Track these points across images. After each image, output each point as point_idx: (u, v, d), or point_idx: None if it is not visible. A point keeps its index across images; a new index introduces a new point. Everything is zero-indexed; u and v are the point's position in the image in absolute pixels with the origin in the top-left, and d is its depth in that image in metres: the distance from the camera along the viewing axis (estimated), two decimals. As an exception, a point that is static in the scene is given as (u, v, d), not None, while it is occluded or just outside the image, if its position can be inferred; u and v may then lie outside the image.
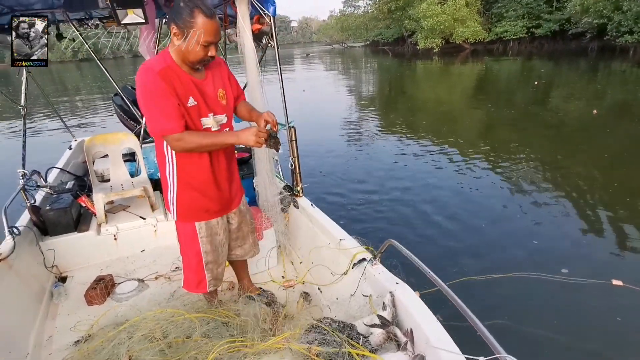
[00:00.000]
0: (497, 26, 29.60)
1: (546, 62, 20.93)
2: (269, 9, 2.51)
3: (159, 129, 1.56)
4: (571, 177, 5.36)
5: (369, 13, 42.24)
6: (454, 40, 29.97)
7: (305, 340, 1.54)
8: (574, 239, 3.75)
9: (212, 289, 2.03)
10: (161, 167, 1.78)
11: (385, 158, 6.66)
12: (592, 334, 2.59)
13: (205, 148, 1.63)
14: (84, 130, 9.73)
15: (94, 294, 2.41)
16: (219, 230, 1.92)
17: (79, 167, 4.10)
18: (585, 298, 2.88)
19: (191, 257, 1.92)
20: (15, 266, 2.24)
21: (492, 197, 4.84)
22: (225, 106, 1.75)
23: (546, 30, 26.97)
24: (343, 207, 4.65)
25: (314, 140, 7.78)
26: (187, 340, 1.82)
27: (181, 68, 1.59)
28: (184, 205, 1.81)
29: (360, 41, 48.96)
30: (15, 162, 2.99)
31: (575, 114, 9.25)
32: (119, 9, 2.61)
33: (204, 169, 1.74)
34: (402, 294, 1.67)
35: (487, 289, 2.97)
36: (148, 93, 1.52)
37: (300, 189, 2.79)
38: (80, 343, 2.03)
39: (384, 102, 13.16)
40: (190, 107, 1.60)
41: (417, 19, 30.45)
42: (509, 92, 13.04)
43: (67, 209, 2.75)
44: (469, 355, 1.25)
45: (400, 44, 38.92)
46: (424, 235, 3.94)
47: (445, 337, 1.41)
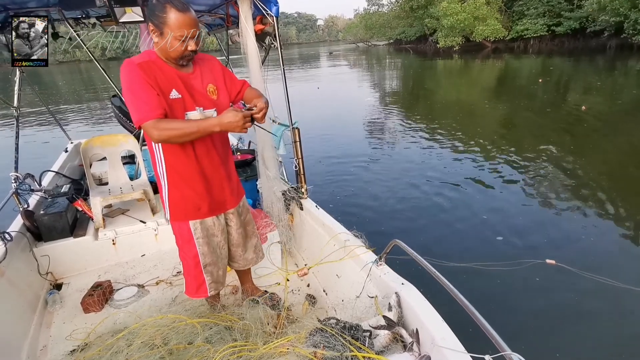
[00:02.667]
0: (518, 24, 29.30)
1: (566, 59, 20.94)
2: (271, 9, 2.48)
3: (137, 117, 1.49)
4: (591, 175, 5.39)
5: (392, 11, 42.52)
6: (474, 38, 29.90)
7: (310, 342, 1.51)
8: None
9: (213, 293, 1.97)
10: (153, 166, 1.74)
11: (395, 155, 6.72)
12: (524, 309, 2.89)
13: (185, 136, 1.52)
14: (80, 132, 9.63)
15: (90, 301, 2.32)
16: (216, 231, 1.88)
17: (75, 170, 4.03)
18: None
19: (189, 260, 1.88)
20: (7, 273, 2.17)
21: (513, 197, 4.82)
22: (215, 101, 1.70)
23: (566, 28, 26.67)
24: (349, 205, 4.64)
25: (321, 135, 7.87)
26: (188, 346, 1.77)
27: (165, 62, 1.58)
28: (174, 203, 1.77)
29: (383, 39, 49.24)
30: (6, 165, 2.92)
31: (571, 110, 9.33)
32: (116, 6, 2.57)
33: (191, 164, 1.69)
34: (407, 294, 1.65)
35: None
36: (127, 83, 1.50)
37: (305, 191, 2.74)
38: (77, 352, 1.97)
39: (399, 98, 13.33)
40: (173, 99, 1.56)
41: (438, 17, 30.60)
42: (516, 89, 13.21)
43: (63, 213, 2.67)
44: (475, 354, 1.24)
45: (423, 42, 38.77)
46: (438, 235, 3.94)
47: (451, 337, 1.39)
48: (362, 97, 13.59)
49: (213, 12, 3.41)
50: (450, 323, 1.46)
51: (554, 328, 2.68)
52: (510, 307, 2.91)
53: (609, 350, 2.52)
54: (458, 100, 12.12)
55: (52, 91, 21.48)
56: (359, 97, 13.67)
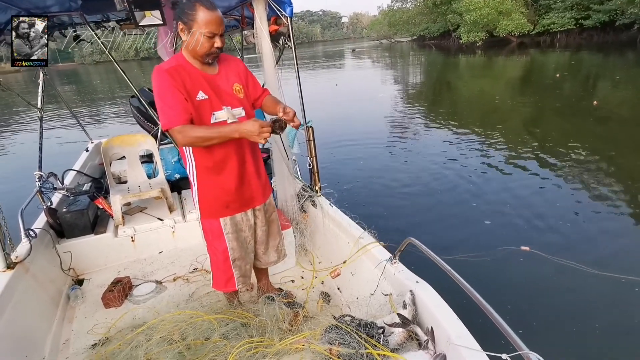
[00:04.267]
0: (544, 18, 28.16)
1: (595, 54, 20.37)
2: (285, 9, 2.51)
3: (164, 122, 1.59)
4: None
5: (416, 8, 41.86)
6: (498, 33, 28.99)
7: (325, 339, 1.52)
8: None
9: (240, 287, 2.00)
10: (186, 166, 1.81)
11: (415, 150, 6.68)
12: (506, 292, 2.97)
13: (207, 141, 1.60)
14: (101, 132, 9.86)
15: (111, 297, 2.38)
16: (244, 227, 1.92)
17: (96, 169, 4.13)
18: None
19: (218, 255, 1.91)
20: (31, 269, 2.22)
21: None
22: (242, 99, 1.76)
23: (595, 21, 25.29)
24: (364, 203, 4.66)
25: (335, 133, 7.90)
26: (205, 342, 1.80)
27: (192, 65, 1.65)
28: (205, 201, 1.82)
29: (407, 36, 48.64)
30: (32, 164, 3.01)
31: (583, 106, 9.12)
32: (136, 10, 2.62)
33: (221, 163, 1.74)
34: (422, 292, 1.65)
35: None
36: (157, 89, 1.59)
37: (319, 188, 2.75)
38: (98, 346, 2.01)
39: (416, 96, 13.22)
40: (200, 100, 1.63)
41: (460, 12, 29.87)
42: (532, 85, 12.97)
43: (84, 211, 2.74)
44: (491, 353, 1.23)
45: (446, 38, 37.93)
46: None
47: (467, 335, 1.38)
48: (377, 94, 13.56)
49: (229, 14, 3.46)
50: (465, 321, 1.45)
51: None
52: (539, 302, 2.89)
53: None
54: (474, 98, 11.95)
55: (88, 89, 22.82)
56: (375, 94, 13.65)
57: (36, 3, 2.50)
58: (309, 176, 2.80)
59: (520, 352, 1.11)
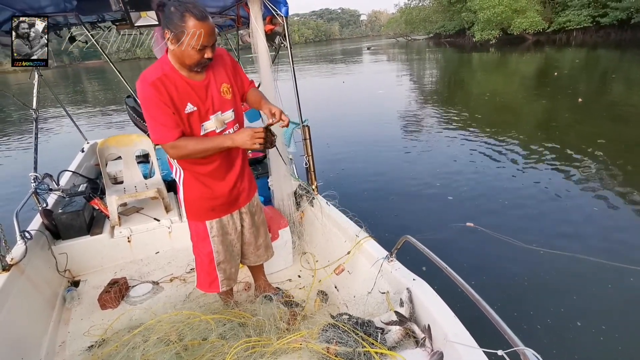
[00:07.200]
0: (560, 16, 28.09)
1: (612, 52, 20.12)
2: (281, 9, 2.51)
3: (155, 137, 1.57)
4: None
5: (433, 5, 42.19)
6: (512, 31, 28.93)
7: (322, 338, 1.53)
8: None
9: (224, 289, 2.01)
10: (170, 167, 1.81)
11: (420, 150, 6.67)
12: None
13: (200, 154, 1.61)
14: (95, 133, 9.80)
15: (107, 298, 2.37)
16: (230, 230, 1.92)
17: (92, 169, 4.11)
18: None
19: (203, 257, 1.92)
20: (27, 271, 2.21)
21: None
22: (231, 101, 1.70)
23: (612, 18, 24.95)
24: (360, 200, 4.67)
25: (333, 131, 7.89)
26: (203, 342, 1.79)
27: (179, 72, 1.56)
28: (190, 203, 1.82)
29: (423, 34, 49.03)
30: (27, 165, 2.98)
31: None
32: (132, 11, 2.61)
33: (206, 166, 1.72)
34: (419, 289, 1.66)
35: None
36: (143, 103, 1.54)
37: (315, 187, 2.75)
38: (94, 348, 2.00)
39: (419, 93, 13.26)
40: (189, 113, 1.58)
41: (475, 10, 29.87)
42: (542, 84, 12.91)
43: (80, 212, 2.73)
44: (488, 349, 1.25)
45: (462, 36, 37.79)
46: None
47: (463, 332, 1.39)
48: (377, 91, 13.64)
49: (224, 14, 3.45)
50: (461, 318, 1.45)
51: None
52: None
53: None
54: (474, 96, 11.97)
55: (111, 86, 24.05)
56: (376, 92, 13.71)
57: (31, 4, 2.48)
58: (306, 175, 2.80)
59: (515, 349, 1.12)
